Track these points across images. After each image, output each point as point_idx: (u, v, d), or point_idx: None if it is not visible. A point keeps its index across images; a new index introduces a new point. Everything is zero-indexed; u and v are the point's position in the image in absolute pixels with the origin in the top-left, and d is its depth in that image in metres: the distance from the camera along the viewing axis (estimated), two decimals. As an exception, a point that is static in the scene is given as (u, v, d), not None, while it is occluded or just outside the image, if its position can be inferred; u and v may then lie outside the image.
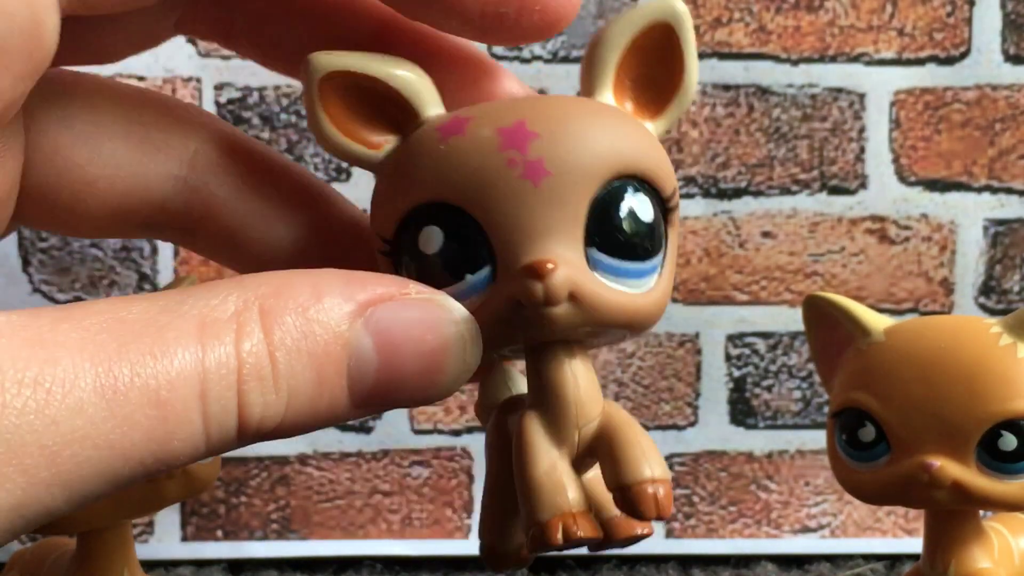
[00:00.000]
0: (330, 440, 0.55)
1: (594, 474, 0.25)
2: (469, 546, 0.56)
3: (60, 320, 0.19)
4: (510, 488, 0.25)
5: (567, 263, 0.23)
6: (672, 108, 0.25)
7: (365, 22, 0.26)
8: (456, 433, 0.55)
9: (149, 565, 0.52)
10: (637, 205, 0.23)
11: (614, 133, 0.24)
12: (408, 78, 0.24)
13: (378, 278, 0.22)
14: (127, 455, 0.19)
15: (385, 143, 0.24)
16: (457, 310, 0.22)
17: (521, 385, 0.29)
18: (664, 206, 0.24)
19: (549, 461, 0.24)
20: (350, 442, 0.55)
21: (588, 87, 0.25)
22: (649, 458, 0.24)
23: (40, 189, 0.25)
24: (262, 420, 0.20)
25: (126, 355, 0.19)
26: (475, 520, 0.56)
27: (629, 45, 0.25)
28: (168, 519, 0.55)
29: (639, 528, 0.25)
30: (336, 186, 0.36)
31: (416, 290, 0.22)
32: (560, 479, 0.24)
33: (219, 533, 0.55)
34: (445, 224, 0.23)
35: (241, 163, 0.27)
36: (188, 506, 0.55)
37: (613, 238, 0.23)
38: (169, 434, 0.19)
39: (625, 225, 0.23)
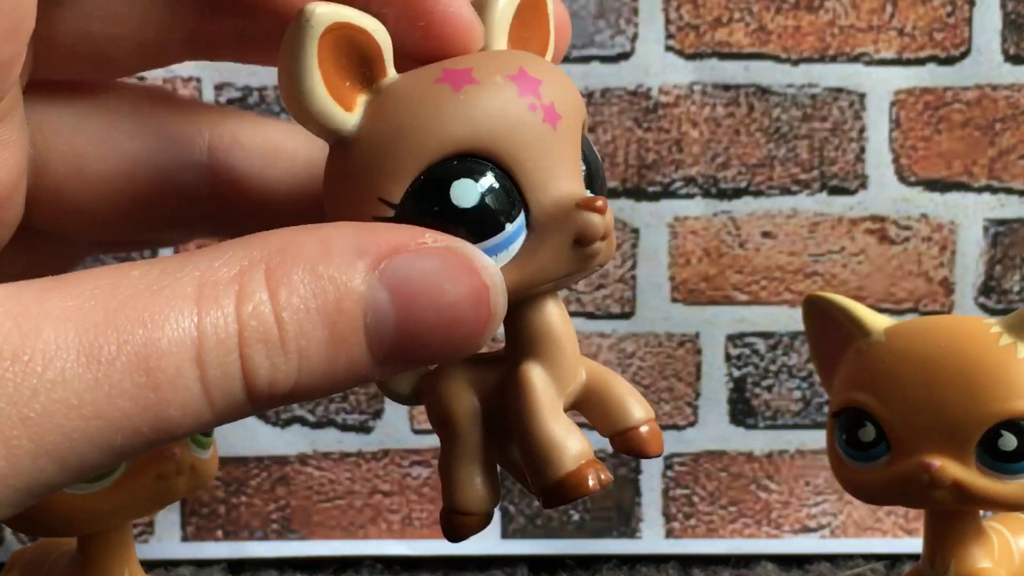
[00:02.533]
0: (330, 440, 0.55)
1: None
2: (469, 546, 0.56)
3: (49, 290, 0.19)
4: (486, 449, 0.25)
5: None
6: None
7: None
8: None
9: (149, 565, 0.52)
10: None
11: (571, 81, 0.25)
12: (383, 32, 0.23)
13: (390, 228, 0.21)
14: (119, 425, 0.19)
15: (355, 104, 0.23)
16: (478, 258, 0.21)
17: None
18: None
19: (558, 410, 0.24)
20: (350, 442, 0.55)
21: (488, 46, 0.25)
22: (639, 400, 0.25)
23: (58, 191, 0.25)
24: (272, 383, 0.20)
25: (113, 322, 0.19)
26: (475, 520, 0.56)
27: (516, 9, 0.25)
28: (168, 519, 0.55)
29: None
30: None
31: (432, 238, 0.21)
32: (572, 427, 0.24)
33: (219, 533, 0.55)
34: (476, 175, 0.22)
35: (258, 136, 0.26)
36: (188, 506, 0.55)
37: (595, 177, 0.25)
38: (163, 401, 0.19)
39: (596, 165, 0.25)
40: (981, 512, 0.35)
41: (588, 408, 0.25)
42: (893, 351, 0.34)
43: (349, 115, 0.23)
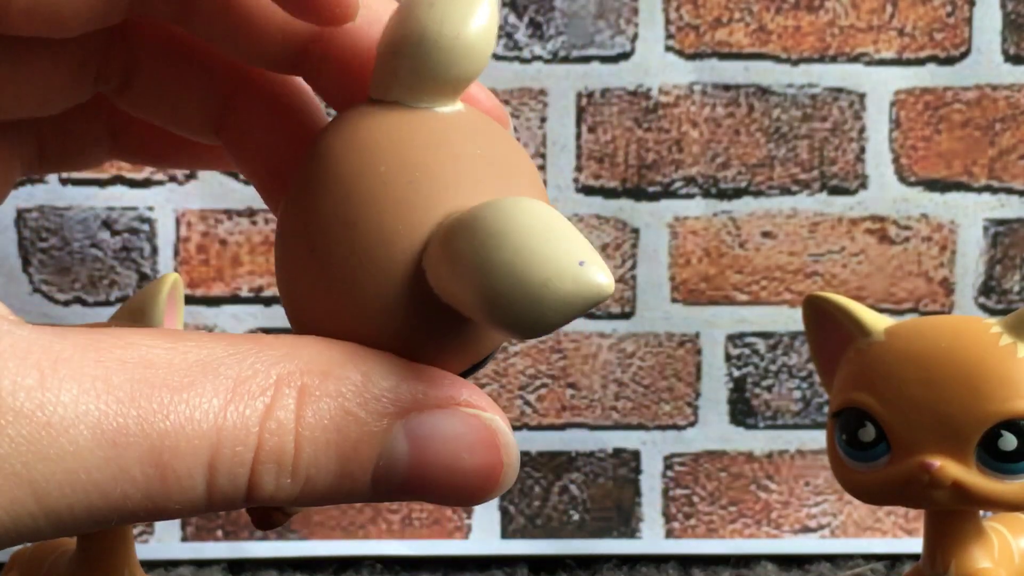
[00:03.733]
0: (330, 440, 0.55)
1: None
2: (469, 546, 0.56)
3: (83, 347, 0.19)
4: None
5: None
6: None
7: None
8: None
9: (149, 565, 0.52)
10: None
11: None
12: None
13: (433, 377, 0.21)
14: (118, 505, 0.19)
15: None
16: (503, 434, 0.21)
17: None
18: None
19: None
20: (350, 442, 0.55)
21: None
22: None
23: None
24: (272, 497, 0.20)
25: (136, 405, 0.18)
26: (475, 520, 0.56)
27: None
28: (168, 519, 0.55)
29: None
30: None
31: (467, 399, 0.21)
32: None
33: (219, 533, 0.55)
34: None
35: None
36: (188, 506, 0.55)
37: None
38: (166, 495, 0.19)
39: None
40: (981, 512, 0.35)
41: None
42: (893, 351, 0.34)
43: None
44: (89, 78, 0.26)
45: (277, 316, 0.54)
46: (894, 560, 0.55)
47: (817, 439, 0.55)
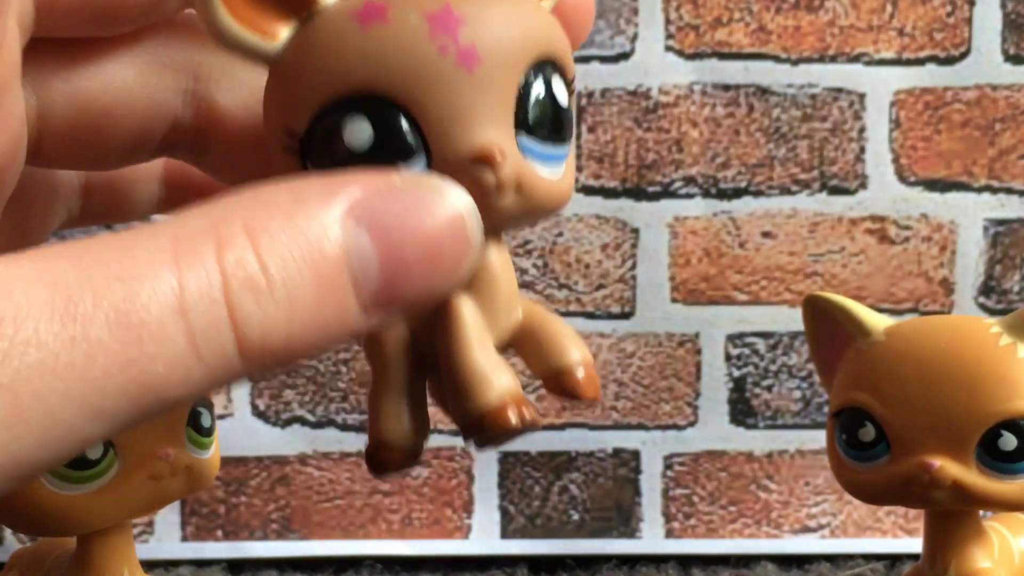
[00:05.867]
0: (330, 440, 0.55)
1: None
2: (469, 546, 0.56)
3: (18, 257, 0.18)
4: (415, 382, 0.24)
5: (511, 152, 0.22)
6: None
7: None
8: (456, 433, 0.55)
9: (149, 565, 0.52)
10: (557, 89, 0.23)
11: (530, 16, 0.23)
12: None
13: (357, 174, 0.21)
14: (101, 384, 0.18)
15: (280, 31, 0.23)
16: (447, 187, 0.21)
17: None
18: (568, 89, 0.24)
19: (487, 344, 0.23)
20: (350, 442, 0.55)
21: None
22: (576, 342, 0.23)
23: (64, 128, 0.25)
24: (264, 334, 0.19)
25: (87, 280, 0.18)
26: (475, 520, 0.56)
27: None
28: (168, 519, 0.55)
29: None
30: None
31: (400, 178, 0.21)
32: (501, 362, 0.23)
33: (219, 533, 0.55)
34: (373, 115, 0.22)
35: (243, 69, 0.26)
36: (188, 506, 0.55)
37: (541, 123, 0.22)
38: (148, 356, 0.18)
39: (550, 110, 0.23)
40: (981, 512, 0.35)
41: (523, 348, 0.24)
42: (893, 351, 0.34)
43: (269, 42, 0.23)
44: (154, 142, 0.26)
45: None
46: (894, 560, 0.55)
47: (817, 439, 0.55)
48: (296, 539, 0.55)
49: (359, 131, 0.22)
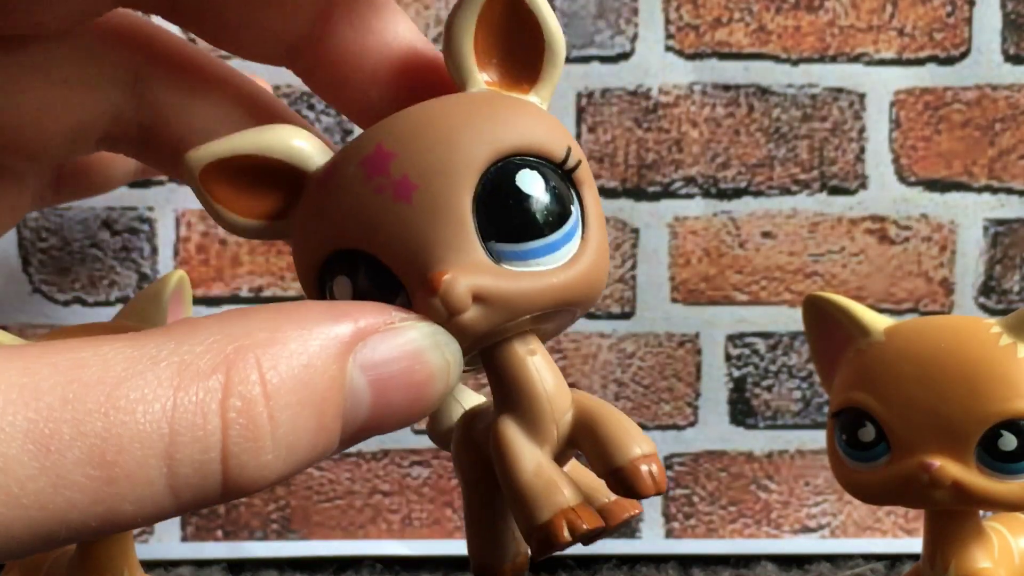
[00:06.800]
0: (330, 440, 0.55)
1: (570, 467, 0.25)
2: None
3: (7, 358, 0.17)
4: (495, 500, 0.25)
5: (465, 267, 0.22)
6: (546, 72, 0.25)
7: None
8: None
9: (149, 565, 0.52)
10: (524, 182, 0.23)
11: (477, 122, 0.23)
12: (282, 143, 0.23)
13: (360, 307, 0.21)
14: (63, 516, 0.17)
15: (279, 206, 0.24)
16: (439, 333, 0.21)
17: (470, 398, 0.29)
18: (562, 169, 0.24)
19: (535, 462, 0.23)
20: (350, 442, 0.55)
21: (457, 79, 0.24)
22: (634, 436, 0.23)
23: (6, 132, 0.25)
24: (254, 480, 0.19)
25: (70, 408, 0.17)
26: (475, 520, 0.56)
27: (477, 25, 0.24)
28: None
29: (631, 509, 0.25)
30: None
31: (399, 317, 0.21)
32: (551, 477, 0.23)
33: (219, 533, 0.55)
34: (350, 272, 0.23)
35: (188, 70, 0.26)
36: (188, 506, 0.55)
37: (506, 224, 0.22)
38: (119, 496, 0.17)
39: (514, 207, 0.22)
40: (981, 512, 0.35)
41: (582, 447, 0.24)
42: (893, 351, 0.34)
43: (281, 223, 0.24)
44: (92, 137, 0.26)
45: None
46: (894, 560, 0.55)
47: (817, 439, 0.55)
48: (296, 539, 0.55)
49: (343, 288, 0.23)
